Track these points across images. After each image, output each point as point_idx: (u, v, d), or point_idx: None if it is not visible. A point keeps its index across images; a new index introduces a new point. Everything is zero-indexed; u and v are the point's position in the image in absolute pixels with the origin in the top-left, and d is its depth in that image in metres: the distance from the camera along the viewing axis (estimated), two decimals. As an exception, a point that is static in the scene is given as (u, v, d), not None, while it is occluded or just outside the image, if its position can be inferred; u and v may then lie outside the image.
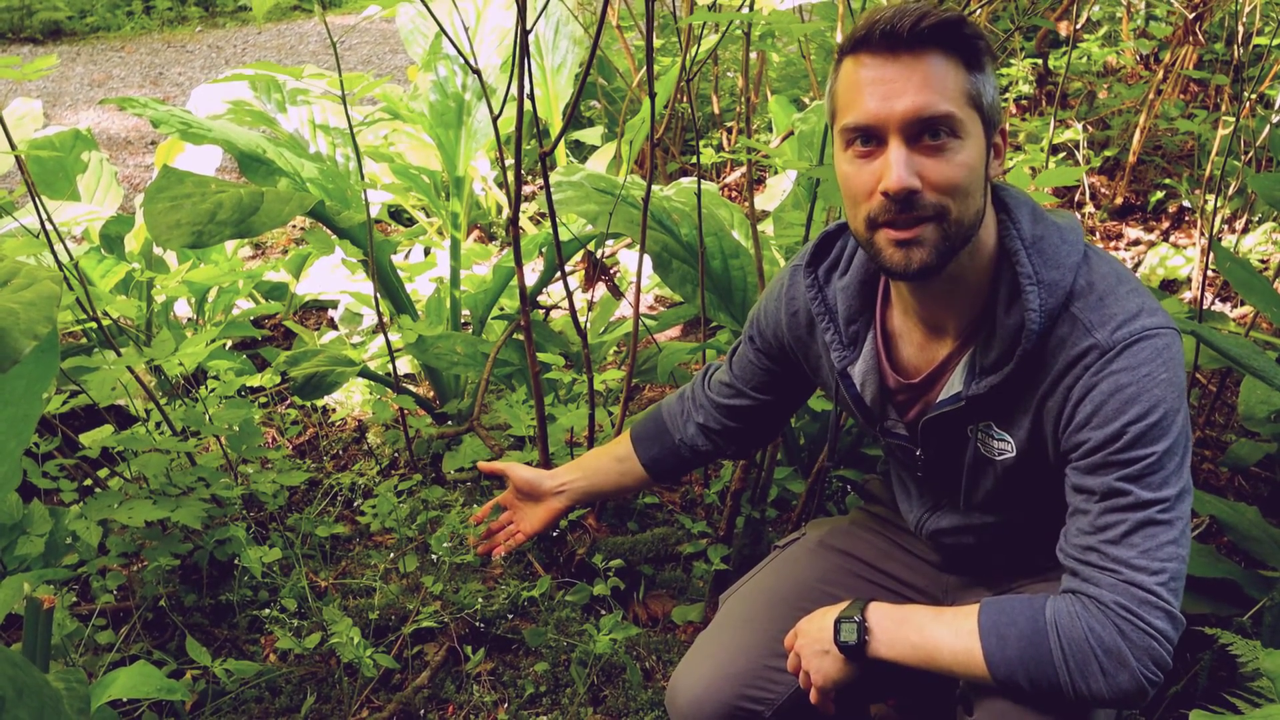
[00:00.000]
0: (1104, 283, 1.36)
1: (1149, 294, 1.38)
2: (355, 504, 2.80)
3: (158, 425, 2.60)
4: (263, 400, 3.33)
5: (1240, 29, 3.97)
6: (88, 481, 2.55)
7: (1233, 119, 3.59)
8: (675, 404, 1.87)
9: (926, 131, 1.28)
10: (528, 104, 2.14)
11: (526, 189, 5.07)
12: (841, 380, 1.57)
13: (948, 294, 1.42)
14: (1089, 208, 4.58)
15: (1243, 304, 3.89)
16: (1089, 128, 4.79)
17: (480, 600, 2.36)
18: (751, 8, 2.39)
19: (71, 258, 2.50)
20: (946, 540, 1.67)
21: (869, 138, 1.30)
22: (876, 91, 1.28)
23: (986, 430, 1.46)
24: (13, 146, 2.40)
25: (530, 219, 4.67)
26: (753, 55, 5.00)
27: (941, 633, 1.37)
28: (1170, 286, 4.01)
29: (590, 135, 4.95)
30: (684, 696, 1.66)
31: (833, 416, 1.74)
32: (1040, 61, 5.07)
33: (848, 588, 1.72)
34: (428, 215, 4.49)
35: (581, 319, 2.61)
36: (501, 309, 3.41)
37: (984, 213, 1.36)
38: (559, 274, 2.43)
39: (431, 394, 3.31)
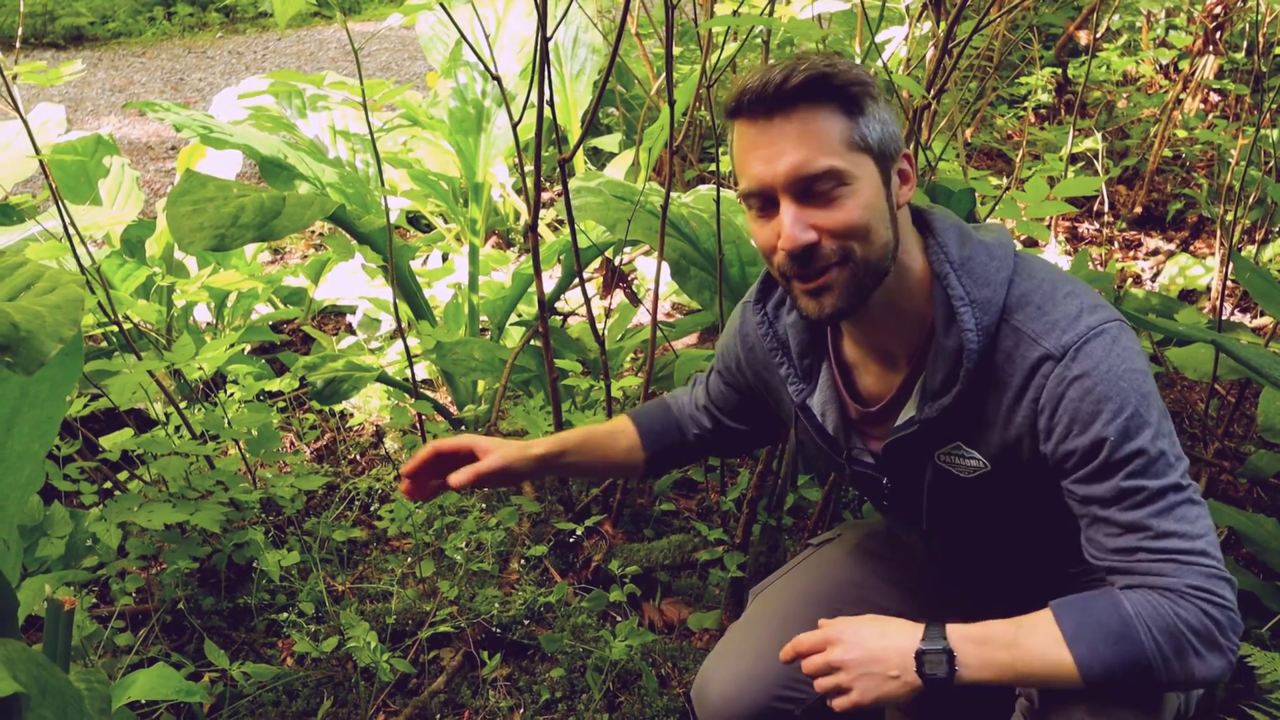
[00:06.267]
0: (1039, 292, 1.37)
1: (1087, 292, 1.38)
2: (372, 509, 2.81)
3: (177, 429, 2.62)
4: (281, 405, 3.34)
5: (1261, 39, 3.95)
6: (108, 484, 2.57)
7: (1252, 129, 3.58)
8: (686, 404, 1.84)
9: (813, 185, 1.30)
10: (547, 111, 2.15)
11: (545, 196, 5.09)
12: (802, 412, 1.57)
13: (884, 324, 1.44)
14: (1108, 217, 4.56)
15: (1262, 314, 3.87)
16: (1108, 137, 4.78)
17: (497, 606, 2.36)
18: (772, 14, 2.39)
19: (93, 262, 2.52)
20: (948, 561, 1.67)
21: (764, 200, 1.34)
22: (759, 156, 1.32)
23: (954, 451, 1.46)
24: (36, 151, 2.42)
25: (549, 226, 4.69)
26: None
27: (1027, 645, 1.32)
28: (1189, 296, 3.99)
29: (609, 142, 4.96)
30: (716, 692, 1.65)
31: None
32: (1059, 70, 5.06)
33: (883, 592, 1.72)
34: (446, 221, 4.50)
35: (599, 326, 2.62)
36: (519, 315, 3.41)
37: (896, 244, 1.37)
38: (577, 280, 2.44)
39: (449, 399, 3.31)
